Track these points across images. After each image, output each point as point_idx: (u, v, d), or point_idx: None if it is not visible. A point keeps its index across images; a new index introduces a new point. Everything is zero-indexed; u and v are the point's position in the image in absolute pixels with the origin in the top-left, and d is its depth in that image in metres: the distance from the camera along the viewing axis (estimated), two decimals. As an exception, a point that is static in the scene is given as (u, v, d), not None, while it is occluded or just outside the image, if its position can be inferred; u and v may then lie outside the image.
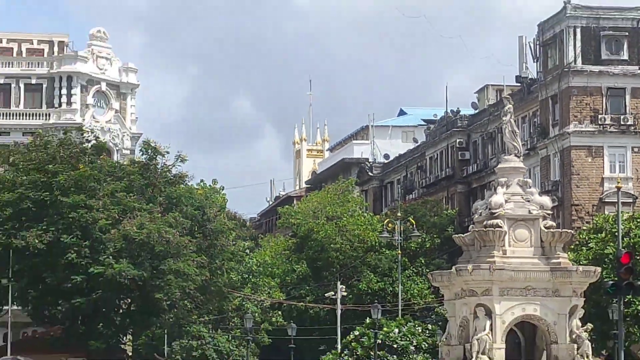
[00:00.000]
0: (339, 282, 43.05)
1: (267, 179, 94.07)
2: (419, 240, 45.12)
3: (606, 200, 45.10)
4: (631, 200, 44.74)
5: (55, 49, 53.31)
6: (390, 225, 40.49)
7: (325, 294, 44.23)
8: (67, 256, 29.68)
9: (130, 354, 40.24)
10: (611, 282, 25.97)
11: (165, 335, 39.41)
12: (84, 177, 31.30)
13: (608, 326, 32.30)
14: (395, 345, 32.04)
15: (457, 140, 54.60)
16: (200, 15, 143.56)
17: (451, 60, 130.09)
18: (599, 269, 23.62)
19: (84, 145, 35.51)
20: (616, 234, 30.30)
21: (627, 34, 47.16)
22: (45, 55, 53.21)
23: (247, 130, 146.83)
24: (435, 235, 47.61)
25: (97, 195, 31.25)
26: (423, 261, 46.88)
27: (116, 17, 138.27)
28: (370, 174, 63.92)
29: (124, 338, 37.48)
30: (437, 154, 57.85)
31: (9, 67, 51.39)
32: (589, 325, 23.55)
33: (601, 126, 46.86)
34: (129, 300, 33.74)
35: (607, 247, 33.40)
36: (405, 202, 54.81)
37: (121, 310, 34.25)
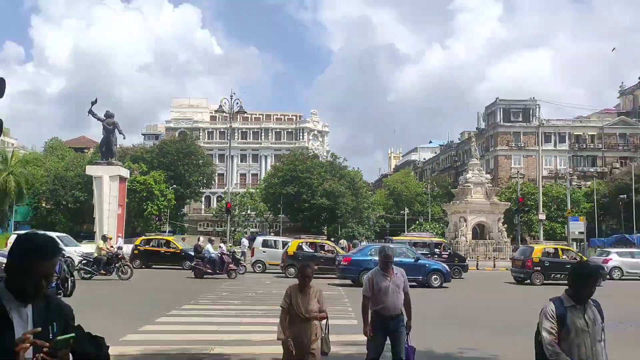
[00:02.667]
0: None
1: None
2: None
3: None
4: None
5: None
6: None
7: None
8: None
9: None
10: (515, 208, 52.49)
11: None
12: None
13: (512, 226, 54.05)
14: None
15: None
16: None
17: None
18: (508, 203, 51.56)
19: None
20: (517, 189, 56.39)
21: None
22: None
23: None
24: None
25: None
26: None
27: None
28: None
29: None
30: None
31: None
32: (505, 225, 51.26)
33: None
34: None
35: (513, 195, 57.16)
36: None
37: None
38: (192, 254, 27.03)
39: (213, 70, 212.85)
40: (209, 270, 24.46)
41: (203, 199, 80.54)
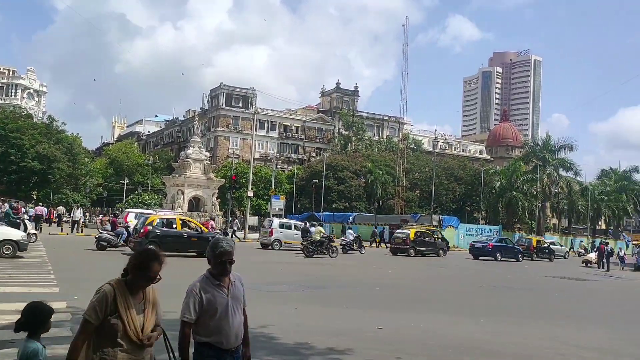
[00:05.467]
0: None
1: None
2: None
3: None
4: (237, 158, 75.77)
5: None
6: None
7: None
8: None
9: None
10: (228, 185, 54.76)
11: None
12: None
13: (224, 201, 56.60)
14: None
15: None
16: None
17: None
18: (223, 180, 52.64)
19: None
20: (231, 167, 59.48)
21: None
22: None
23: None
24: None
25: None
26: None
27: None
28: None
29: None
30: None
31: None
32: (218, 200, 52.43)
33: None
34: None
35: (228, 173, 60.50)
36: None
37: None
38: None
39: None
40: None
41: None
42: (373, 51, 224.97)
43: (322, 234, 29.20)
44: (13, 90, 76.55)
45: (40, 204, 49.10)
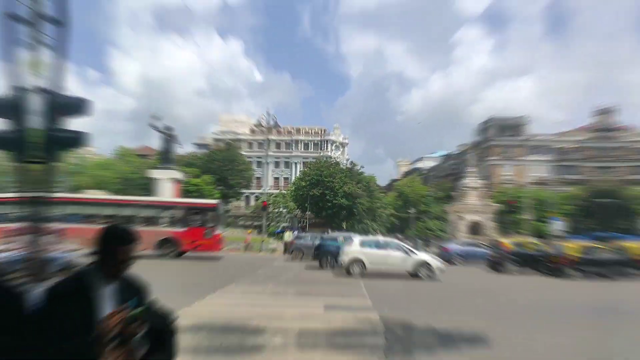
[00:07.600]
0: None
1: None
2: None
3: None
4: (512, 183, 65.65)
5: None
6: None
7: None
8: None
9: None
10: (504, 209, 51.37)
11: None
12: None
13: (500, 224, 55.51)
14: None
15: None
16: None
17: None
18: (498, 205, 50.22)
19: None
20: (506, 192, 54.63)
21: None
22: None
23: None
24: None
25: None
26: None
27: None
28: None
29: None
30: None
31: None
32: (495, 223, 50.03)
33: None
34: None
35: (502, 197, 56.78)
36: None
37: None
38: None
39: (254, 93, 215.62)
40: None
41: (243, 198, 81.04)
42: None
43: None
44: (325, 145, 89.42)
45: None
